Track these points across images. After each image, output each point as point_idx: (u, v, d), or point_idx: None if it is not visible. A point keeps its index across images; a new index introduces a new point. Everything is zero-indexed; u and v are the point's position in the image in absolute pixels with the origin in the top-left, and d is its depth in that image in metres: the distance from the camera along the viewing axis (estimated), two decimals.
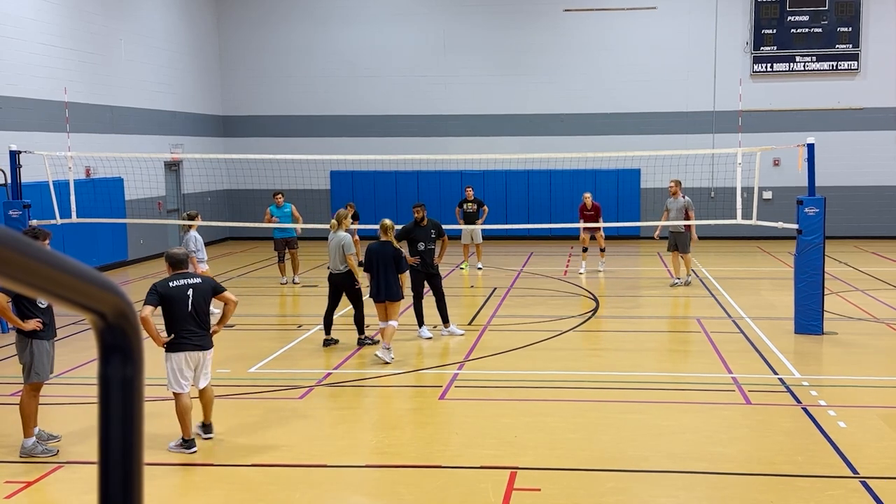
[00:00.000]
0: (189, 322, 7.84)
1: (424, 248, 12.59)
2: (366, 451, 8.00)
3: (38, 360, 7.79)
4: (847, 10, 24.86)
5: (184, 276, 7.97)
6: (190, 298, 7.81)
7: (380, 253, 11.21)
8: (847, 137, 24.98)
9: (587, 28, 25.90)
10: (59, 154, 15.91)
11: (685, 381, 10.22)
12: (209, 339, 8.01)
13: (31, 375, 7.81)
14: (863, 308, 14.59)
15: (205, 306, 7.93)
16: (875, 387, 10.10)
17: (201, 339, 7.92)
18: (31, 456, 7.77)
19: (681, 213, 16.71)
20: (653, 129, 25.41)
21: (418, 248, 12.56)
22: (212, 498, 7.03)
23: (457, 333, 12.72)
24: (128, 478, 1.19)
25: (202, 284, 7.98)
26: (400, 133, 26.32)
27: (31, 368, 7.79)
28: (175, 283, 7.87)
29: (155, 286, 7.90)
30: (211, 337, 8.04)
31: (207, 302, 7.97)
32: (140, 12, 22.68)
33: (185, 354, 7.86)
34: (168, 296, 7.80)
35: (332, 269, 12.18)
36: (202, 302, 7.89)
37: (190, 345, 7.86)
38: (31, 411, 7.82)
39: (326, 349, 12.06)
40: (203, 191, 24.87)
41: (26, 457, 7.77)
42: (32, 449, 7.81)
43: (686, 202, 16.82)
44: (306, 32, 26.81)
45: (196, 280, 8.00)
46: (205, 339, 7.96)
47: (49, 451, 7.84)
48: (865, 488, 6.88)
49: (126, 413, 1.20)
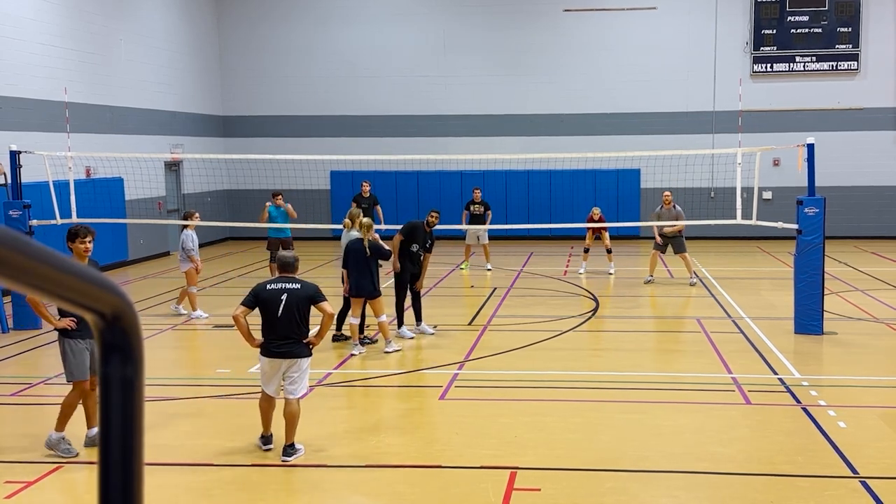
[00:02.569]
0: (276, 328, 7.55)
1: (415, 252, 12.60)
2: (366, 451, 7.99)
3: (70, 358, 7.83)
4: (847, 10, 24.86)
5: (284, 280, 7.71)
6: (282, 303, 7.53)
7: (356, 249, 11.33)
8: (847, 137, 24.97)
9: (587, 28, 25.90)
10: (59, 154, 15.91)
11: (685, 381, 10.22)
12: (297, 348, 7.62)
13: (67, 374, 7.89)
14: (863, 308, 14.59)
15: (296, 314, 7.55)
16: (875, 387, 10.10)
17: (279, 348, 7.58)
18: (51, 449, 7.83)
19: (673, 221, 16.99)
20: (653, 129, 25.42)
21: (411, 248, 12.54)
22: (212, 498, 7.03)
23: (427, 332, 12.72)
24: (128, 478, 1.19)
25: (300, 291, 7.63)
26: (400, 133, 26.32)
27: (67, 367, 7.85)
28: (272, 285, 7.68)
29: (254, 287, 7.78)
30: (302, 346, 7.65)
31: (302, 309, 7.59)
32: (140, 12, 22.68)
33: (267, 360, 7.65)
34: (262, 298, 7.60)
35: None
36: (294, 308, 7.54)
37: (269, 351, 7.61)
38: (70, 410, 7.87)
39: (335, 344, 12.15)
40: (203, 191, 24.87)
41: (48, 448, 7.82)
42: (56, 444, 7.86)
43: (678, 212, 17.02)
44: (306, 32, 26.81)
45: (295, 286, 7.66)
46: (288, 346, 7.59)
47: (70, 451, 7.84)
48: (865, 488, 6.88)
49: (126, 413, 1.20)
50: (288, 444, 7.72)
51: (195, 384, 10.33)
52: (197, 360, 11.79)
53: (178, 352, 12.72)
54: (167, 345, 12.90)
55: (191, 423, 8.81)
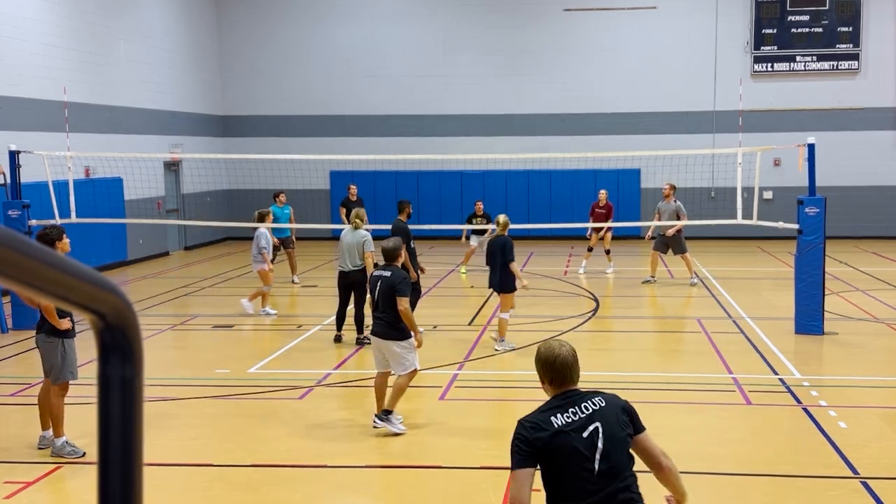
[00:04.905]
0: (376, 308, 8.39)
1: (412, 248, 12.60)
2: (366, 451, 7.99)
3: (69, 359, 7.83)
4: (847, 10, 24.87)
5: (383, 268, 8.49)
6: (377, 289, 8.30)
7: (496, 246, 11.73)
8: (847, 137, 24.98)
9: (587, 28, 25.90)
10: (58, 154, 15.90)
11: (685, 382, 10.22)
12: (390, 330, 8.22)
13: (65, 375, 7.82)
14: (863, 308, 14.59)
15: (387, 299, 8.22)
16: (875, 387, 10.10)
17: (377, 327, 8.34)
18: (60, 456, 7.79)
19: (672, 217, 16.89)
20: (653, 129, 25.42)
21: (411, 246, 12.54)
22: (212, 498, 7.02)
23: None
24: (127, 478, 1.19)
25: (389, 279, 8.30)
26: (400, 133, 26.32)
27: (64, 367, 7.81)
28: (376, 272, 8.55)
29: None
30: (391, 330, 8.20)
31: (389, 296, 8.21)
32: (140, 12, 22.67)
33: (373, 338, 8.46)
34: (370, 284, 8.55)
35: (344, 266, 12.11)
36: (383, 295, 8.25)
37: (373, 329, 8.45)
38: (61, 411, 7.83)
39: (337, 345, 12.18)
40: (203, 191, 24.87)
41: (56, 456, 7.79)
42: (62, 449, 7.85)
43: (677, 206, 16.98)
44: (306, 32, 26.82)
45: (387, 273, 8.37)
46: (382, 328, 8.26)
47: (76, 451, 7.84)
48: (866, 488, 6.87)
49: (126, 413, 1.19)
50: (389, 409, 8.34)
51: (195, 384, 10.32)
52: (197, 360, 11.78)
53: (178, 352, 12.71)
54: (167, 345, 12.90)
55: (191, 423, 8.80)
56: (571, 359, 4.08)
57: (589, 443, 3.83)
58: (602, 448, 3.83)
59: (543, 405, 4.08)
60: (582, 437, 3.84)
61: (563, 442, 3.82)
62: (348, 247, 12.02)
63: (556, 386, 4.09)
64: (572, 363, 4.07)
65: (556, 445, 3.82)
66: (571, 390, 4.05)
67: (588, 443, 3.83)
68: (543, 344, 4.25)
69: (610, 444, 3.86)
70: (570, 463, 3.82)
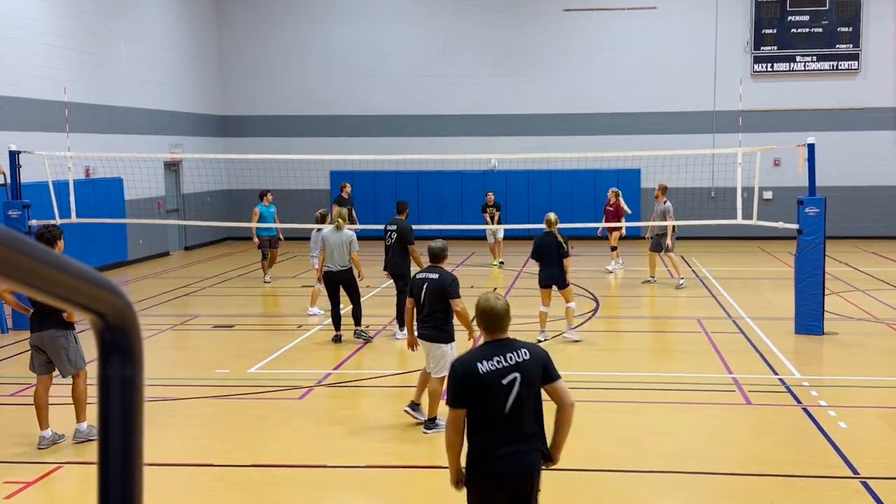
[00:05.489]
0: (421, 311, 8.28)
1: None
2: (366, 451, 7.99)
3: (74, 348, 8.14)
4: (847, 10, 24.86)
5: (428, 270, 8.42)
6: (423, 291, 8.19)
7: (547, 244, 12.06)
8: (847, 137, 24.97)
9: (587, 28, 25.89)
10: (58, 154, 15.90)
11: (685, 382, 10.21)
12: (439, 333, 8.18)
13: (79, 363, 8.12)
14: (863, 308, 14.58)
15: (434, 302, 8.13)
16: (875, 387, 10.10)
17: (425, 329, 8.25)
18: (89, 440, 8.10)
19: (661, 218, 17.01)
20: (653, 129, 25.41)
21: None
22: (212, 498, 7.02)
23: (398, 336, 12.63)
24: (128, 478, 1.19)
25: (437, 280, 8.21)
26: (400, 133, 26.31)
27: (78, 356, 8.12)
28: (420, 274, 8.44)
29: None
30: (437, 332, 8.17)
31: (438, 298, 8.12)
32: (140, 12, 22.67)
33: (421, 341, 8.38)
34: (412, 286, 8.42)
35: (333, 266, 12.16)
36: (431, 297, 8.15)
37: (420, 332, 8.35)
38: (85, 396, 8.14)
39: (336, 345, 12.21)
40: (203, 191, 24.86)
41: (82, 441, 8.11)
42: (89, 433, 8.15)
43: (666, 207, 17.05)
44: (306, 32, 26.81)
45: (433, 275, 8.28)
46: (430, 331, 8.20)
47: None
48: (865, 488, 6.87)
49: (126, 413, 1.19)
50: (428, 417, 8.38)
51: (195, 384, 10.32)
52: (197, 360, 11.78)
53: (178, 352, 12.71)
54: (167, 345, 12.90)
55: (191, 423, 8.80)
56: (503, 311, 4.68)
57: (507, 389, 4.50)
58: (515, 395, 4.50)
59: (475, 348, 4.78)
60: (501, 383, 4.50)
61: (483, 384, 4.49)
62: (336, 247, 12.10)
63: (489, 332, 4.70)
64: (503, 315, 4.67)
65: (477, 386, 4.49)
66: (503, 338, 4.67)
67: (506, 389, 4.50)
68: (482, 295, 4.82)
69: (524, 392, 4.52)
70: (486, 403, 4.51)
